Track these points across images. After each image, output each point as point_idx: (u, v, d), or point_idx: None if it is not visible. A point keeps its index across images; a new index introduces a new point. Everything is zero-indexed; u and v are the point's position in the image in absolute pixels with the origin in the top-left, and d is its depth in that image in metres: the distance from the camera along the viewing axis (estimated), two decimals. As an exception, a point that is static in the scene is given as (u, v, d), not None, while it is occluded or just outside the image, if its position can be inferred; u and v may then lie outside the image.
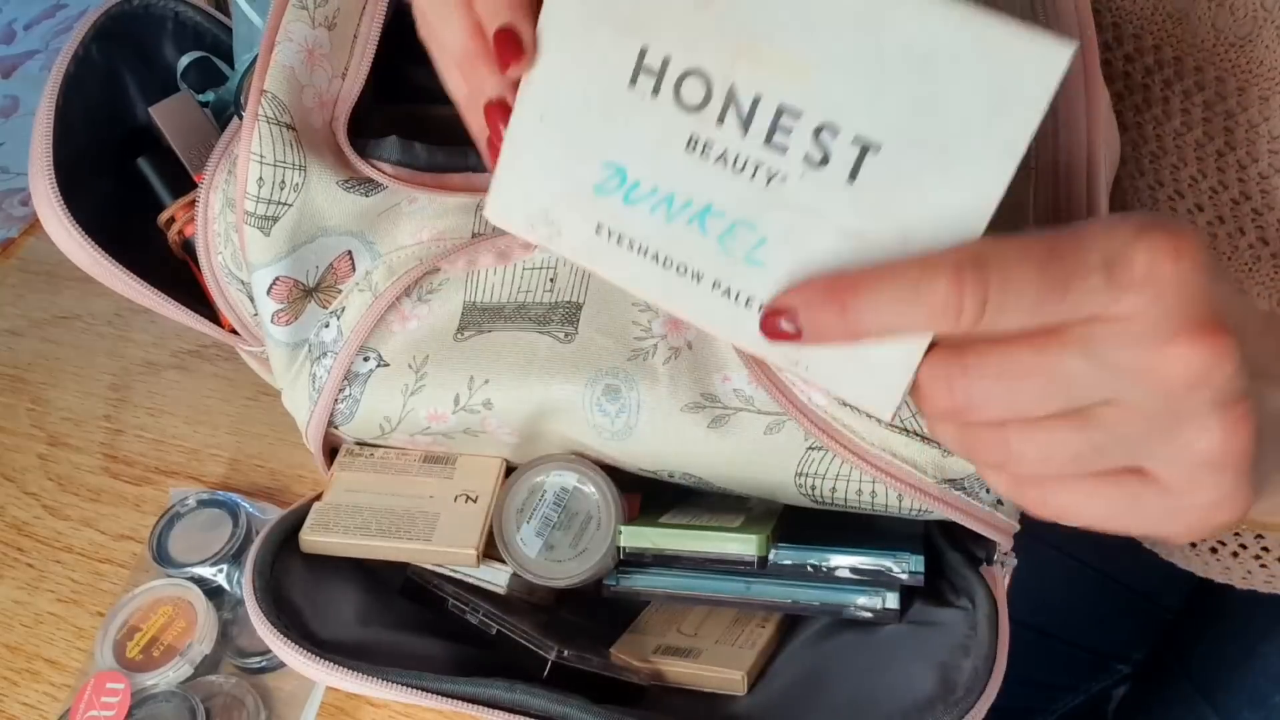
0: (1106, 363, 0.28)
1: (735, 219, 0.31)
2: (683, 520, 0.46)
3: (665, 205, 0.32)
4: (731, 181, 0.31)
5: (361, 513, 0.47)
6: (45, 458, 0.64)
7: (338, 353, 0.46)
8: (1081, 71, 0.37)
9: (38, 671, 0.55)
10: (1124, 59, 0.47)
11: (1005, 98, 0.27)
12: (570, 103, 0.33)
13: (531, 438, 0.46)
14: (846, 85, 0.29)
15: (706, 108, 0.31)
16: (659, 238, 0.33)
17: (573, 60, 0.32)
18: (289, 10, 0.43)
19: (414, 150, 0.45)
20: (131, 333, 0.70)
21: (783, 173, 0.30)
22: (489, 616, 0.46)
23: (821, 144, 0.29)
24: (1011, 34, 0.26)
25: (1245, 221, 0.46)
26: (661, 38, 0.31)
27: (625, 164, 0.32)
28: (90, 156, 0.53)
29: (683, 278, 0.33)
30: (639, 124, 0.32)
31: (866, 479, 0.41)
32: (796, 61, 0.29)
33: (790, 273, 0.31)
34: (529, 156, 0.34)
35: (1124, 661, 0.70)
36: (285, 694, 0.52)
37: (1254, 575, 0.55)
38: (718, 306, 0.32)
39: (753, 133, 0.30)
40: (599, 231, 0.33)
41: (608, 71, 0.32)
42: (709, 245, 0.32)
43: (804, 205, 0.30)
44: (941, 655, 0.41)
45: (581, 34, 0.32)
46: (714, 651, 0.46)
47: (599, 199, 0.33)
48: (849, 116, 0.29)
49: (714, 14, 0.30)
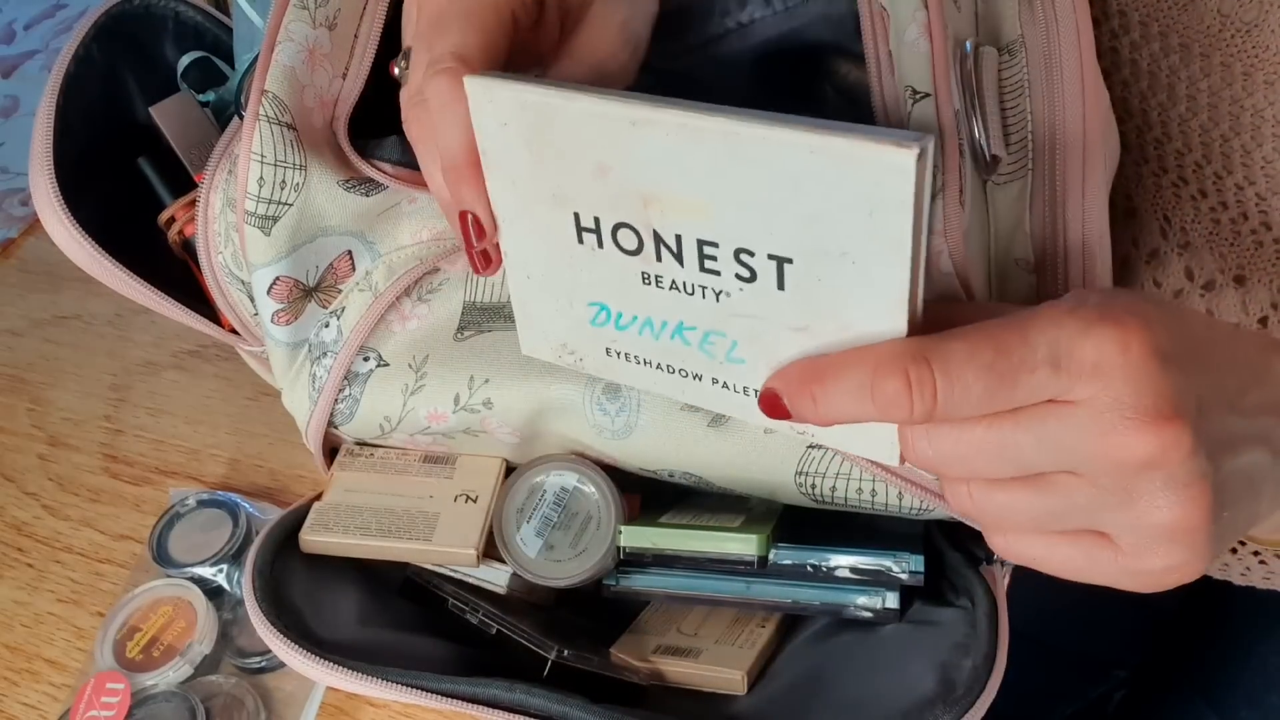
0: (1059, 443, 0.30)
1: (706, 330, 0.35)
2: (683, 520, 0.46)
3: (649, 328, 0.36)
4: (689, 302, 0.35)
5: (361, 513, 0.47)
6: (45, 458, 0.64)
7: (338, 353, 0.46)
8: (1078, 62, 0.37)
9: (38, 671, 0.55)
10: (1130, 45, 0.47)
11: (875, 204, 0.29)
12: (542, 263, 0.37)
13: (531, 437, 0.46)
14: (741, 216, 0.32)
15: (644, 251, 0.35)
16: (656, 352, 0.37)
17: (529, 229, 0.37)
18: (290, 10, 0.43)
19: (414, 150, 0.45)
20: (131, 333, 0.70)
21: (725, 290, 0.34)
22: (489, 616, 0.46)
23: (745, 264, 0.33)
24: (858, 148, 0.29)
25: (1249, 207, 0.46)
26: (585, 204, 0.35)
27: (605, 301, 0.37)
28: (90, 156, 0.52)
29: (687, 379, 0.37)
30: (599, 271, 0.36)
31: (866, 477, 0.41)
32: (694, 204, 0.32)
33: (768, 365, 0.34)
34: (532, 307, 0.39)
35: (1122, 667, 0.70)
36: (285, 694, 0.52)
37: (1252, 572, 0.55)
38: (725, 397, 0.36)
39: (688, 264, 0.34)
40: (610, 354, 0.38)
41: (557, 235, 0.36)
42: (695, 353, 0.36)
43: (752, 313, 0.34)
44: (941, 655, 0.41)
45: (525, 210, 0.36)
46: (714, 651, 0.46)
47: (597, 330, 0.38)
48: (755, 240, 0.32)
49: (613, 179, 0.33)
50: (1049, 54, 0.38)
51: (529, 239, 0.37)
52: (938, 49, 0.36)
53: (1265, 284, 0.48)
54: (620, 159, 0.33)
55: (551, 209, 0.35)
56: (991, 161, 0.37)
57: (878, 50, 0.38)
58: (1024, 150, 0.38)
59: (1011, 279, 0.39)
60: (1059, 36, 0.38)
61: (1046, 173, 0.38)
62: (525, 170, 0.35)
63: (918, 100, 0.37)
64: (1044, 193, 0.38)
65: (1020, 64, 0.38)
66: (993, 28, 0.39)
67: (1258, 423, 0.32)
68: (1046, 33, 0.38)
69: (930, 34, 0.37)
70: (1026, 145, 0.38)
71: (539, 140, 0.34)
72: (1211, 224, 0.49)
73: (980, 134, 0.37)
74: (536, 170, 0.35)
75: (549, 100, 0.33)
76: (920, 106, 0.37)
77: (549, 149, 0.34)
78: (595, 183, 0.34)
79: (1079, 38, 0.38)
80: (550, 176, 0.35)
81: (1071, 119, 0.37)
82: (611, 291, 0.37)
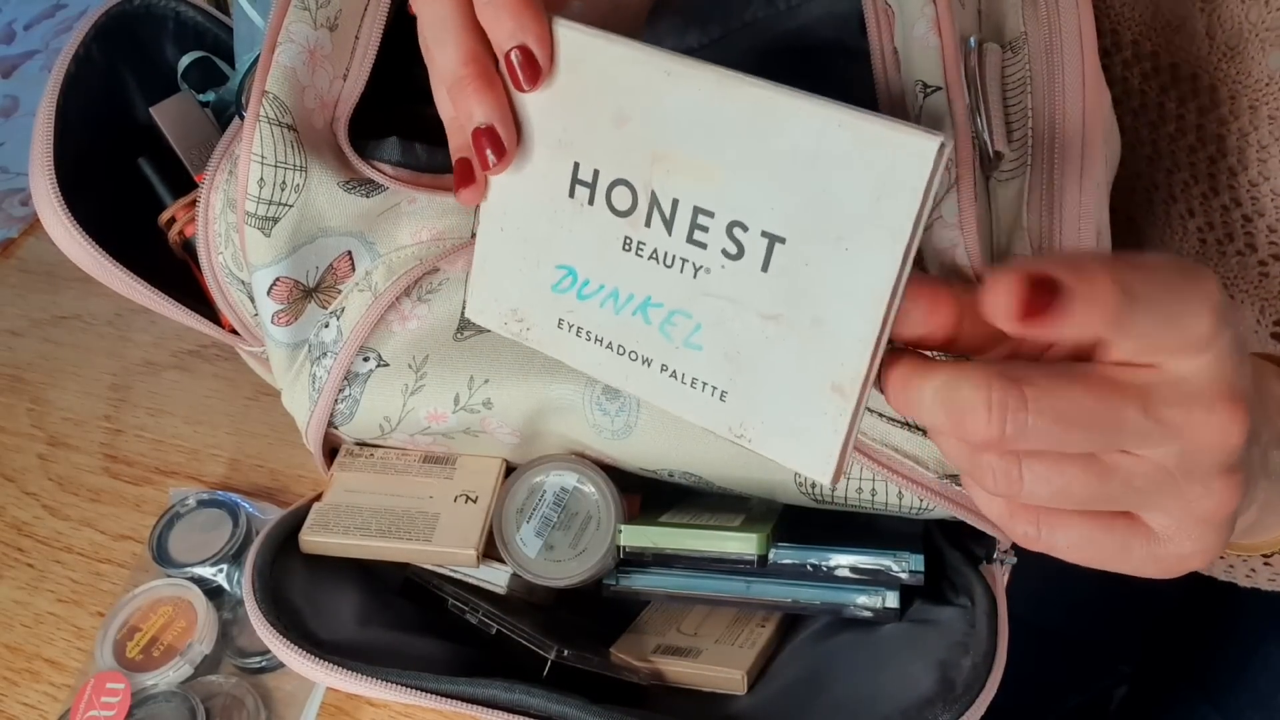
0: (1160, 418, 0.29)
1: (672, 309, 0.35)
2: (683, 520, 0.46)
3: (613, 299, 0.36)
4: (664, 276, 0.34)
5: (361, 513, 0.47)
6: (45, 458, 0.64)
7: (338, 353, 0.46)
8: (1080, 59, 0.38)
9: (38, 671, 0.55)
10: (1122, 64, 0.47)
11: (886, 189, 0.30)
12: (522, 215, 0.37)
13: (531, 437, 0.46)
14: (748, 186, 0.32)
15: (634, 212, 0.34)
16: (611, 328, 0.36)
17: (520, 177, 0.36)
18: (291, 11, 0.43)
19: (414, 151, 0.45)
20: (131, 333, 0.70)
21: (706, 265, 0.33)
22: (489, 616, 0.46)
23: (735, 239, 0.32)
24: (885, 132, 0.29)
25: (1235, 228, 0.47)
26: (589, 154, 0.34)
27: (574, 265, 0.36)
28: (90, 156, 0.52)
29: (635, 363, 0.36)
30: (581, 230, 0.36)
31: (867, 476, 0.41)
32: (704, 167, 0.32)
33: (725, 354, 0.34)
34: (494, 263, 0.38)
35: (1126, 661, 0.70)
36: (285, 694, 0.52)
37: (1258, 574, 0.55)
38: (668, 388, 0.36)
39: (676, 232, 0.34)
40: (560, 325, 0.37)
41: (549, 186, 0.36)
42: (653, 333, 0.35)
43: (727, 294, 0.33)
44: (941, 654, 0.41)
45: (524, 154, 0.36)
46: (714, 651, 0.46)
47: (557, 297, 0.37)
48: (754, 214, 0.32)
49: (630, 130, 0.33)
50: (1051, 50, 0.38)
51: (517, 186, 0.36)
52: (948, 44, 0.37)
53: (1249, 304, 0.49)
54: (644, 109, 0.33)
55: (553, 155, 0.35)
56: (995, 158, 0.37)
57: (883, 46, 0.39)
58: (1025, 147, 0.38)
59: None
60: (1061, 33, 0.38)
61: (1045, 168, 0.38)
62: (538, 111, 0.34)
63: (929, 94, 0.37)
64: (1042, 188, 0.38)
65: (1023, 60, 0.38)
66: (996, 24, 0.39)
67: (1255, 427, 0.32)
68: (1049, 29, 0.38)
69: (940, 29, 0.37)
70: (1027, 142, 0.38)
71: (563, 80, 0.34)
72: (1198, 243, 0.49)
73: (984, 130, 0.37)
74: (550, 111, 0.34)
75: (588, 39, 0.33)
76: (932, 100, 0.37)
77: (571, 90, 0.34)
78: (609, 132, 0.33)
79: (1081, 35, 0.38)
80: (563, 120, 0.34)
81: (1072, 115, 0.37)
82: (586, 254, 0.36)
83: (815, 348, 0.32)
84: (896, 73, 0.38)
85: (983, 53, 0.37)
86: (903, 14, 0.38)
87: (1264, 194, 0.45)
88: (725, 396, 0.34)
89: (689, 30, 0.50)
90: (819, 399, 0.32)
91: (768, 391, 0.33)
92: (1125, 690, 0.70)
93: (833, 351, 0.32)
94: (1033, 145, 0.38)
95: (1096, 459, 0.30)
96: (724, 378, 0.34)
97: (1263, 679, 0.60)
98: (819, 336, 0.32)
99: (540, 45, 0.33)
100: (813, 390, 0.32)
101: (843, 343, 0.31)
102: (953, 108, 0.36)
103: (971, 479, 0.32)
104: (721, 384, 0.34)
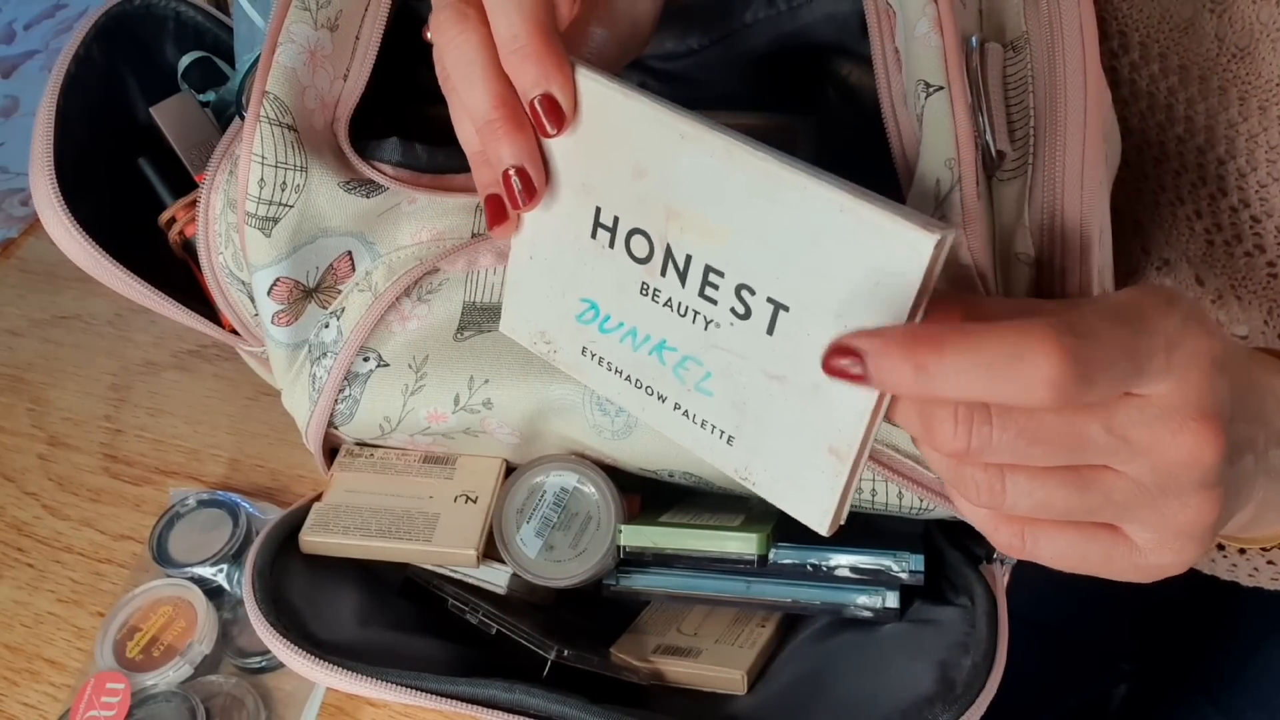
0: (1124, 436, 0.30)
1: (685, 354, 0.36)
2: (683, 520, 0.46)
3: (631, 337, 0.37)
4: (678, 323, 0.35)
5: (361, 513, 0.47)
6: (45, 458, 0.64)
7: (338, 353, 0.46)
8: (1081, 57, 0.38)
9: (38, 671, 0.55)
10: (1130, 65, 0.47)
11: (884, 277, 0.30)
12: (550, 247, 0.38)
13: (531, 437, 0.46)
14: (755, 252, 0.32)
15: (651, 261, 0.35)
16: (629, 363, 0.37)
17: (549, 213, 0.37)
18: (291, 11, 0.43)
19: (414, 151, 0.45)
20: (131, 333, 0.70)
21: (716, 320, 0.34)
22: (489, 617, 0.46)
23: (743, 300, 0.33)
24: (884, 220, 0.29)
25: (1243, 229, 0.47)
26: (610, 201, 0.35)
27: (597, 300, 0.37)
28: (90, 156, 0.52)
29: (651, 398, 0.37)
30: (602, 270, 0.37)
31: (867, 476, 0.41)
32: (714, 228, 0.33)
33: (733, 403, 0.35)
34: (523, 288, 0.39)
35: (1127, 659, 0.70)
36: (285, 694, 0.52)
37: (1260, 573, 0.55)
38: (680, 424, 0.37)
39: (689, 286, 0.34)
40: (584, 353, 0.39)
41: (574, 225, 0.37)
42: (667, 374, 0.36)
43: (735, 349, 0.34)
44: (941, 653, 0.41)
45: (552, 191, 0.37)
46: (714, 651, 0.46)
47: (580, 326, 0.38)
48: (760, 280, 0.33)
49: (646, 183, 0.34)
50: (1053, 49, 0.38)
51: (545, 221, 0.37)
52: (949, 43, 0.37)
53: (1257, 305, 0.49)
54: (659, 166, 0.34)
55: (577, 197, 0.36)
56: (997, 157, 0.37)
57: (884, 47, 0.39)
58: (1027, 146, 0.38)
59: (1013, 273, 0.39)
60: (1063, 33, 0.38)
61: (1047, 167, 0.38)
62: (564, 154, 0.36)
63: (931, 93, 0.37)
64: (1044, 187, 0.38)
65: (1025, 60, 0.38)
66: (997, 24, 0.39)
67: (1251, 429, 0.33)
68: (1051, 29, 0.38)
69: (941, 28, 0.37)
70: (1029, 141, 0.38)
71: (588, 127, 0.35)
72: (1205, 244, 0.49)
73: (986, 129, 0.37)
74: (575, 155, 0.35)
75: (610, 93, 0.34)
76: (934, 99, 0.37)
77: (594, 138, 0.35)
78: (627, 183, 0.34)
79: (1083, 34, 0.38)
80: (586, 165, 0.35)
81: (1074, 114, 0.37)
82: (606, 293, 0.37)
83: (815, 412, 0.32)
84: (898, 73, 0.38)
85: (985, 52, 0.37)
86: (904, 14, 0.38)
87: (1273, 194, 0.45)
88: (732, 441, 0.35)
89: (690, 31, 0.50)
90: (817, 458, 0.33)
91: (771, 442, 0.34)
92: (1126, 689, 0.70)
93: (830, 418, 0.32)
94: (1034, 144, 0.38)
95: (1077, 472, 0.31)
96: (731, 423, 0.35)
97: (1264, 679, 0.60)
98: (818, 402, 0.32)
99: (564, 93, 0.34)
100: (812, 449, 0.33)
101: (840, 412, 0.32)
102: (955, 106, 0.36)
103: (955, 490, 0.33)
104: (729, 429, 0.35)
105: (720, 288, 0.34)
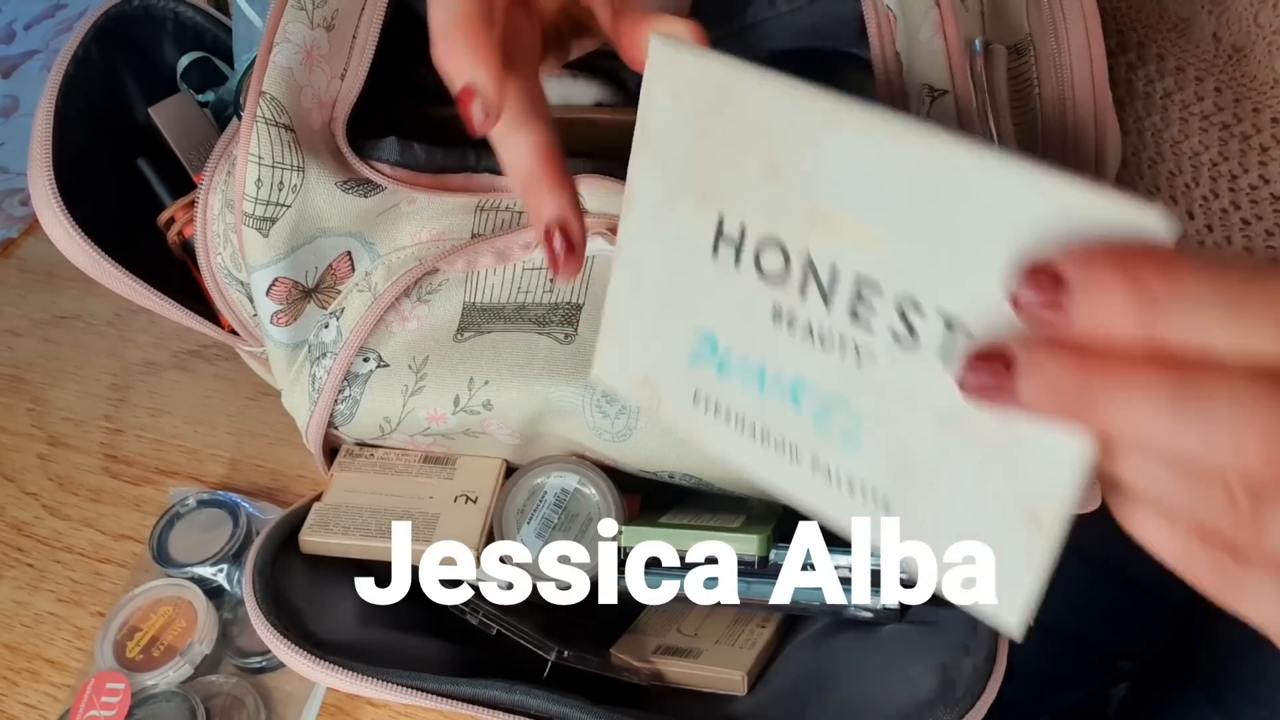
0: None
1: (828, 396, 0.29)
2: (683, 520, 0.46)
3: (758, 378, 0.30)
4: (820, 357, 0.28)
5: (361, 513, 0.47)
6: (45, 458, 0.64)
7: (337, 353, 0.46)
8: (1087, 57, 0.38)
9: (38, 671, 0.55)
10: (1126, 66, 0.47)
11: None
12: (660, 272, 0.32)
13: (531, 439, 0.46)
14: (924, 258, 0.25)
15: (788, 279, 0.29)
16: (754, 411, 0.31)
17: (659, 231, 0.32)
18: (287, 11, 0.43)
19: (413, 151, 0.45)
20: (131, 333, 0.70)
21: (871, 350, 0.27)
22: (489, 617, 0.45)
23: (907, 319, 0.26)
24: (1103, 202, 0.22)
25: (1234, 231, 0.47)
26: (737, 206, 0.30)
27: (716, 333, 0.31)
28: (89, 157, 0.52)
29: (781, 455, 0.30)
30: (725, 294, 0.30)
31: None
32: (867, 230, 0.27)
33: (888, 459, 0.28)
34: (626, 324, 0.34)
35: (1128, 659, 0.70)
36: (285, 694, 0.52)
37: None
38: (818, 486, 0.30)
39: (836, 306, 0.28)
40: (696, 400, 0.32)
41: (690, 241, 0.31)
42: (804, 423, 0.29)
43: (896, 386, 0.27)
44: (942, 655, 0.41)
45: (665, 203, 0.31)
46: (714, 651, 0.46)
47: (693, 369, 0.32)
48: (929, 290, 0.25)
49: (783, 182, 0.28)
50: (1059, 51, 0.38)
51: (655, 239, 0.32)
52: (953, 47, 0.37)
53: None
54: (800, 158, 0.28)
55: (695, 207, 0.30)
56: None
57: (884, 50, 0.38)
58: (1033, 147, 0.38)
59: None
60: (1068, 34, 0.38)
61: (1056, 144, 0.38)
62: (682, 156, 0.30)
63: (936, 98, 0.37)
64: None
65: (1029, 62, 0.38)
66: (1001, 26, 0.39)
67: None
68: (1054, 31, 0.38)
69: (944, 32, 0.37)
70: (1036, 142, 0.38)
71: (711, 122, 0.29)
72: (1197, 245, 0.49)
73: (993, 132, 0.37)
74: (695, 158, 0.30)
75: (740, 76, 0.28)
76: (940, 104, 0.37)
77: (718, 134, 0.29)
78: (759, 183, 0.29)
79: (1087, 34, 0.38)
80: (708, 168, 0.30)
81: (1083, 114, 0.37)
82: (728, 323, 0.31)
83: (1007, 465, 0.25)
84: (899, 77, 0.38)
85: (989, 55, 0.37)
86: (905, 19, 0.38)
87: (1263, 198, 0.45)
88: (890, 506, 0.28)
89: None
90: (1007, 526, 0.25)
91: (943, 507, 0.27)
92: (1126, 688, 0.70)
93: (1030, 471, 0.25)
94: (1041, 144, 0.38)
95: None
96: (889, 484, 0.28)
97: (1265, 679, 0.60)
98: (1010, 450, 0.25)
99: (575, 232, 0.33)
100: (1000, 515, 0.25)
101: (1042, 462, 0.24)
102: (960, 110, 0.36)
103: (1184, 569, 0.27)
104: (886, 490, 0.28)
105: (877, 305, 0.27)
